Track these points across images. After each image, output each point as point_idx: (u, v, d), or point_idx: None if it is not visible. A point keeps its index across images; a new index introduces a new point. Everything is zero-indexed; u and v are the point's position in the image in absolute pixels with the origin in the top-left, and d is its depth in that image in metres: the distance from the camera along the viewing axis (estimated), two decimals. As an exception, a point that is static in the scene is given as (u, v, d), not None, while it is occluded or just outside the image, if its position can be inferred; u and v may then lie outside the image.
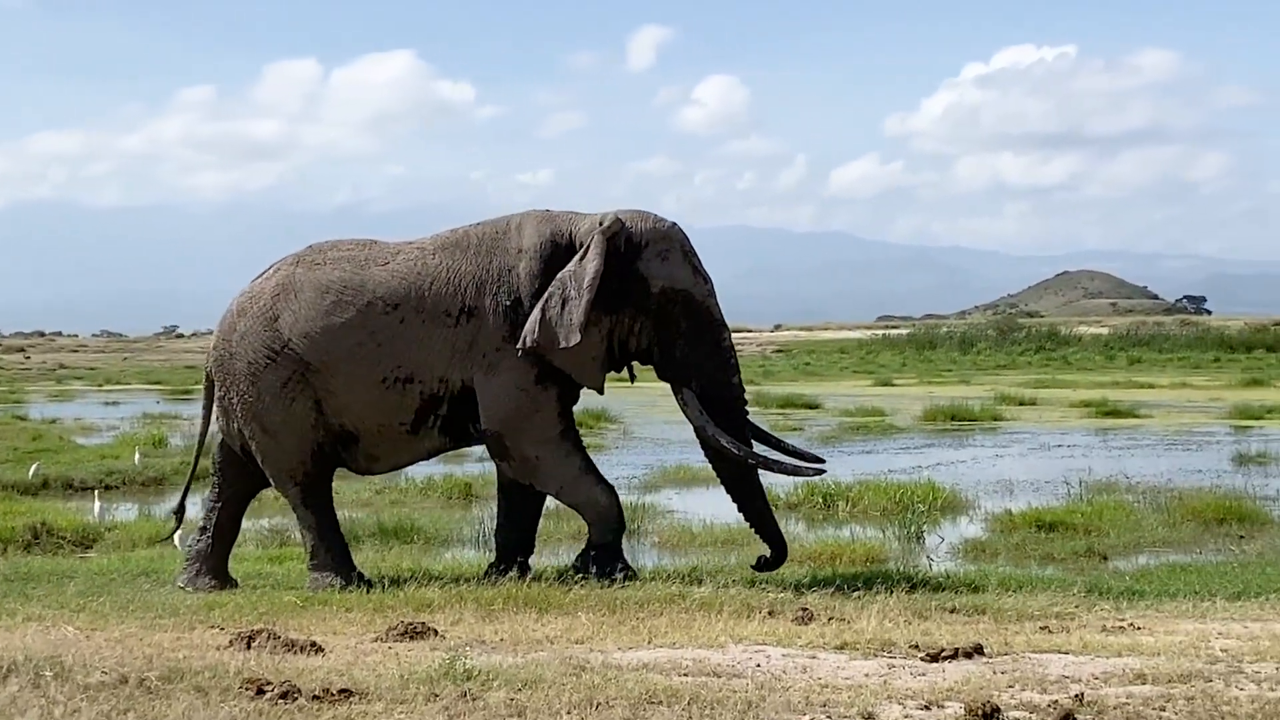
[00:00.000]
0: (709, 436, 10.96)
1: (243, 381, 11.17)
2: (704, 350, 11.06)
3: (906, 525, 15.08)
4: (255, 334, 11.12)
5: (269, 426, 11.14)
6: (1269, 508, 16.55)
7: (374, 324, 10.94)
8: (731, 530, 15.15)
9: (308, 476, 11.28)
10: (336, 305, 10.99)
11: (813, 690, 7.06)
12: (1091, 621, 9.32)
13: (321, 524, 11.34)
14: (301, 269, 11.24)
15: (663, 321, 11.01)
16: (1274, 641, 8.44)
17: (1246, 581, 11.25)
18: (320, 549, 11.27)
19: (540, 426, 10.96)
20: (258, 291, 11.31)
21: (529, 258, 10.98)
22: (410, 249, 11.26)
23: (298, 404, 11.06)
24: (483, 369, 10.89)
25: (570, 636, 8.67)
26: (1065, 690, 7.03)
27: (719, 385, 11.08)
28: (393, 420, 11.07)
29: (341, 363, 10.95)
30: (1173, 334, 77.91)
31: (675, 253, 11.06)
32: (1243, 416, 31.23)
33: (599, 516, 11.07)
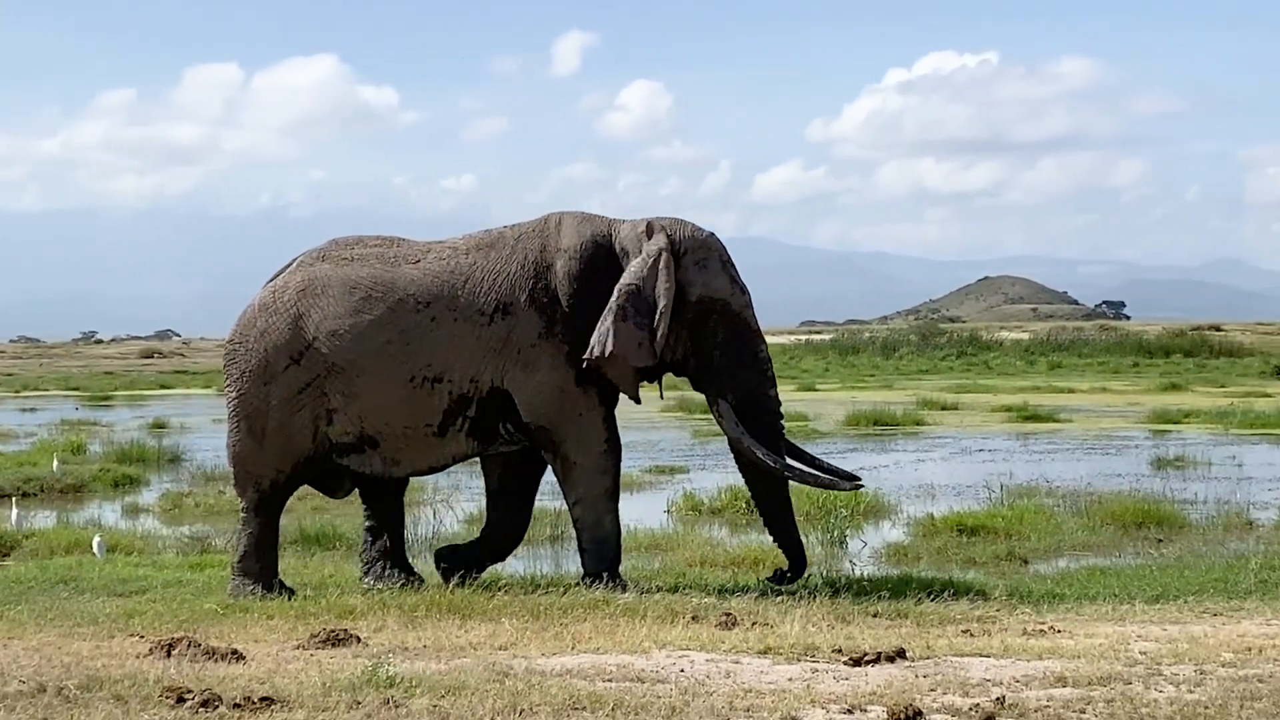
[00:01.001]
0: (745, 448, 10.87)
1: (253, 379, 10.98)
2: (741, 360, 11.00)
3: (829, 530, 15.11)
4: (278, 332, 10.94)
5: (260, 429, 10.98)
6: (1187, 511, 16.70)
7: (404, 322, 10.80)
8: (655, 536, 15.16)
9: (274, 486, 11.14)
10: (365, 302, 10.84)
11: (736, 695, 7.07)
12: (1012, 625, 9.38)
13: (263, 536, 11.18)
14: (328, 265, 11.07)
15: (700, 331, 10.96)
16: (1192, 644, 8.53)
17: (1165, 584, 11.36)
18: (251, 557, 11.11)
19: (587, 434, 10.87)
20: (281, 288, 11.11)
21: (568, 257, 10.89)
22: (441, 248, 11.14)
23: (302, 414, 10.92)
24: (519, 365, 10.77)
25: (494, 643, 8.65)
26: (987, 693, 7.08)
27: (756, 396, 11.01)
28: (419, 421, 10.89)
29: (368, 361, 10.79)
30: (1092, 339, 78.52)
31: (714, 262, 11.01)
32: (1161, 421, 31.53)
33: (599, 546, 10.97)
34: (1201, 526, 16.00)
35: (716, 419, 11.05)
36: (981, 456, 24.50)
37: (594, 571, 10.88)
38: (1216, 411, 32.33)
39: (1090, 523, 15.88)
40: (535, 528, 15.81)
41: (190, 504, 18.72)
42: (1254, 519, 16.38)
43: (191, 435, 30.59)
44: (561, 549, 15.22)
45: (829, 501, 16.03)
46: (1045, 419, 32.11)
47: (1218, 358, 63.89)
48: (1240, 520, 16.22)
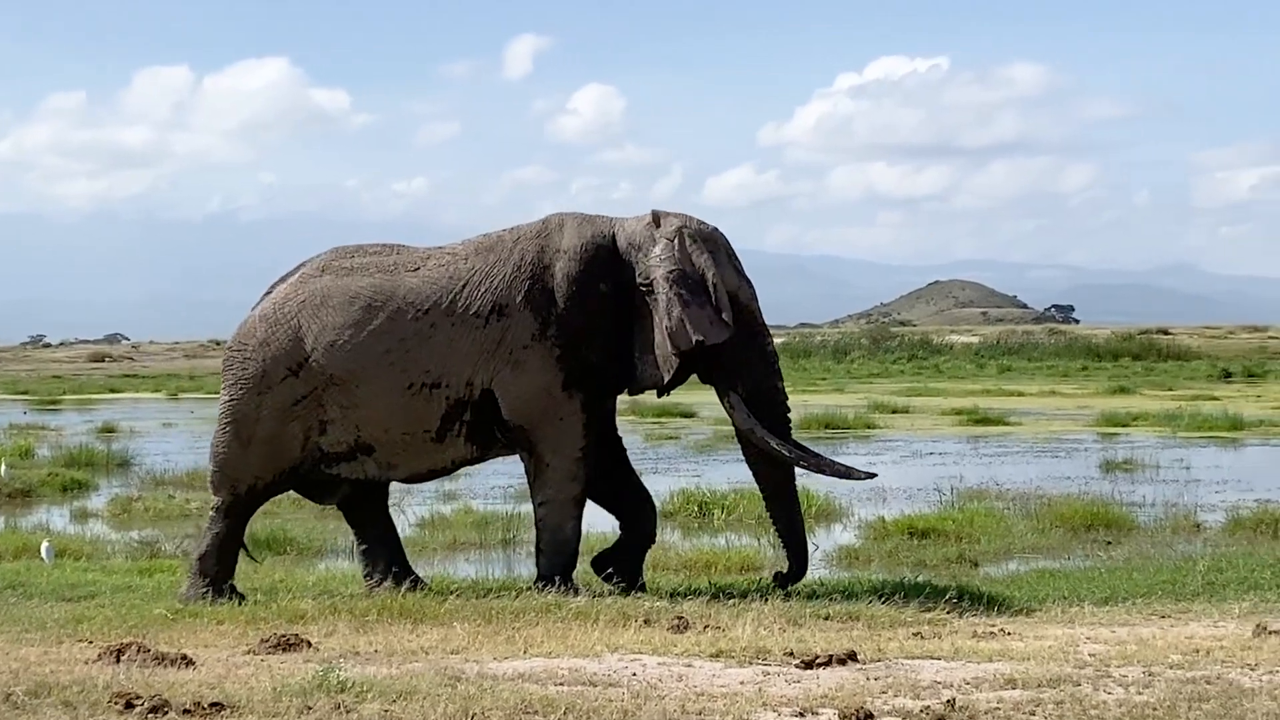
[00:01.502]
0: (758, 439, 10.85)
1: (249, 387, 10.96)
2: (750, 354, 11.01)
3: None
4: (278, 344, 10.92)
5: (248, 437, 10.95)
6: (1135, 514, 16.81)
7: (403, 330, 10.79)
8: (607, 539, 15.12)
9: (250, 492, 11.10)
10: (365, 313, 10.83)
11: (688, 698, 7.08)
12: (963, 627, 9.43)
13: (227, 539, 11.12)
14: (329, 277, 11.05)
15: None
16: (1140, 646, 8.59)
17: (1114, 587, 11.43)
18: (211, 557, 11.04)
19: (566, 438, 10.84)
20: (283, 299, 11.09)
21: (568, 258, 10.86)
22: (441, 254, 11.13)
23: (294, 425, 10.90)
24: (509, 365, 10.76)
25: (445, 647, 8.64)
26: (937, 695, 7.11)
27: (764, 389, 11.01)
28: (417, 428, 10.88)
29: (368, 371, 10.78)
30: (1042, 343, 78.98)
31: (721, 255, 11.02)
32: (1109, 424, 31.72)
33: (556, 550, 10.96)
34: (1149, 529, 16.10)
35: (728, 411, 11.02)
36: (932, 460, 24.60)
37: (547, 574, 10.86)
38: (1164, 414, 32.55)
39: (1040, 525, 15.97)
40: (486, 531, 15.84)
41: (139, 509, 18.62)
42: (1201, 521, 16.49)
43: (141, 440, 30.45)
44: (514, 553, 15.21)
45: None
46: (995, 422, 32.27)
47: (1166, 361, 64.36)
48: (1188, 523, 16.33)
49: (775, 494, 11.19)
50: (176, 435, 32.37)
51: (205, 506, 11.67)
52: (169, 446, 28.26)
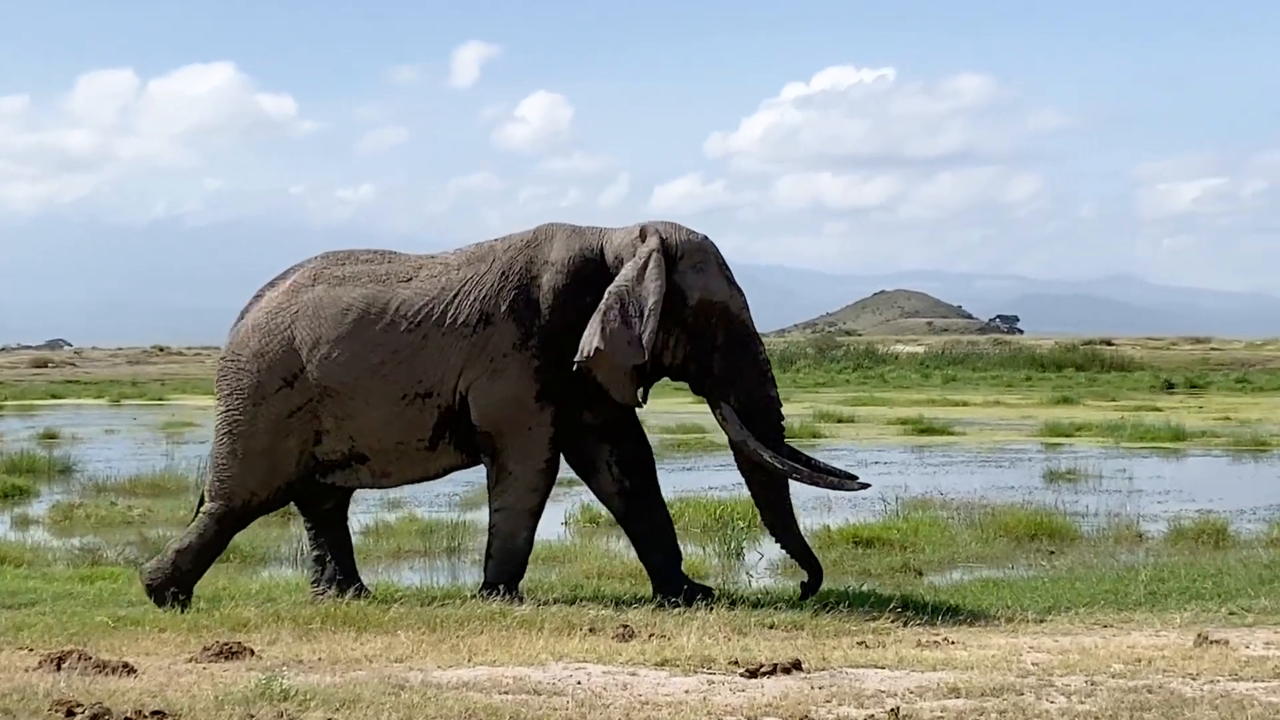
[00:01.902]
0: (751, 451, 10.80)
1: (244, 399, 10.91)
2: (742, 363, 10.96)
3: (726, 542, 15.17)
4: (271, 355, 10.87)
5: (244, 450, 10.88)
6: (1078, 523, 16.91)
7: (396, 342, 10.76)
8: (552, 547, 15.13)
9: (245, 507, 11.04)
10: (359, 325, 10.79)
11: (633, 707, 7.08)
12: (907, 636, 9.45)
13: (210, 545, 11.09)
14: (322, 287, 10.99)
15: (699, 335, 10.90)
16: (1083, 655, 8.63)
17: (1057, 596, 11.49)
18: (189, 555, 10.98)
19: (531, 448, 10.80)
20: (276, 309, 11.03)
21: (555, 271, 10.84)
22: (433, 264, 11.09)
23: (291, 439, 10.85)
24: (486, 374, 10.72)
25: (390, 655, 8.60)
26: (881, 704, 7.13)
27: (757, 399, 10.96)
28: (410, 438, 10.88)
29: (362, 383, 10.75)
30: (986, 353, 79.30)
31: (710, 265, 10.97)
32: (1053, 434, 31.89)
33: (506, 558, 10.92)
34: (1092, 539, 16.20)
35: (720, 423, 10.97)
36: (877, 469, 24.66)
37: (493, 581, 10.84)
38: (1107, 425, 32.76)
39: (984, 535, 16.04)
40: (431, 539, 15.80)
41: (81, 515, 18.47)
42: (1143, 531, 16.61)
43: (83, 446, 30.20)
44: (458, 560, 15.18)
45: (726, 514, 16.09)
46: (940, 432, 32.40)
47: (1109, 372, 64.72)
48: (1130, 532, 16.44)
49: (769, 505, 11.16)
50: (119, 442, 32.14)
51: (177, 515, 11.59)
52: (111, 453, 28.08)
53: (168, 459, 24.89)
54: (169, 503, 19.05)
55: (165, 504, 18.92)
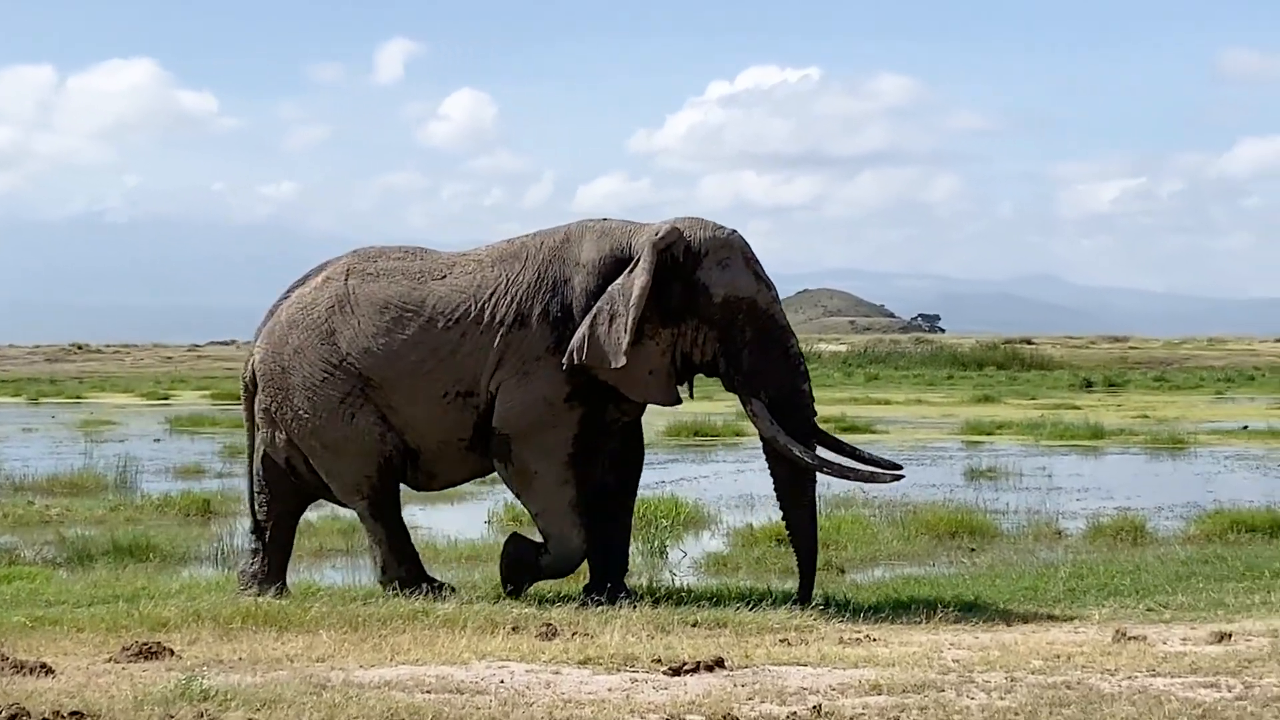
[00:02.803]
0: (782, 447, 10.75)
1: (298, 396, 10.86)
2: (772, 358, 10.89)
3: (649, 540, 15.18)
4: (311, 348, 10.83)
5: (329, 442, 10.86)
6: (998, 521, 17.03)
7: (435, 340, 10.70)
8: (476, 546, 15.11)
9: (374, 490, 10.99)
10: (397, 322, 10.74)
11: (556, 706, 7.07)
12: (829, 634, 9.49)
13: (392, 537, 11.09)
14: (355, 281, 10.93)
15: (728, 331, 10.81)
16: (1003, 651, 8.69)
17: (977, 593, 11.57)
18: (392, 563, 11.04)
19: (554, 443, 10.74)
20: (309, 303, 10.97)
21: (586, 272, 10.77)
22: (466, 261, 11.02)
23: (360, 418, 10.80)
24: (516, 374, 10.67)
25: (311, 655, 8.55)
26: (804, 702, 7.15)
27: (789, 393, 10.91)
28: (453, 436, 10.84)
29: (404, 379, 10.72)
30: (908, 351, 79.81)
31: (736, 260, 10.88)
32: (974, 432, 32.12)
33: (560, 557, 10.91)
34: (1012, 536, 16.33)
35: (751, 418, 10.94)
36: (800, 467, 24.73)
37: (546, 575, 10.99)
38: (1027, 423, 33.03)
39: (905, 533, 16.12)
40: (354, 538, 15.71)
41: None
42: (1063, 529, 16.75)
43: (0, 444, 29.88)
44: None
45: (650, 512, 16.09)
46: (862, 430, 32.52)
47: (1029, 370, 65.26)
48: (1050, 530, 16.58)
49: (793, 503, 11.09)
50: (37, 440, 31.81)
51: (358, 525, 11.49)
52: (29, 452, 27.79)
53: (86, 458, 24.67)
54: (87, 502, 18.87)
55: (83, 503, 18.74)
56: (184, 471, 23.85)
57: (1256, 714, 6.82)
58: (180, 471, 23.86)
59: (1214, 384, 57.92)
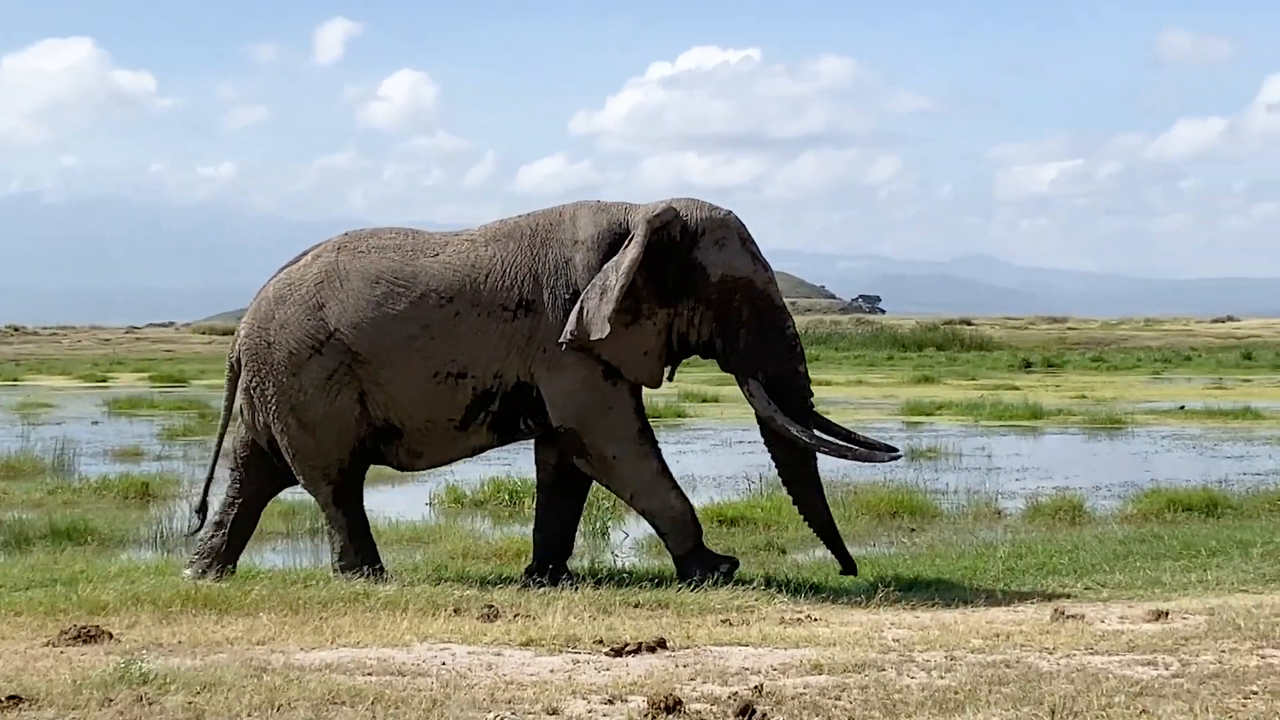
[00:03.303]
0: (779, 427, 10.79)
1: (281, 372, 10.73)
2: (768, 339, 10.93)
3: (591, 522, 15.17)
4: (298, 322, 10.69)
5: (308, 421, 10.75)
6: (938, 501, 17.11)
7: (427, 317, 10.59)
8: (417, 528, 15.08)
9: (342, 474, 10.91)
10: (388, 296, 10.63)
11: (497, 687, 7.07)
12: (771, 614, 9.52)
13: (353, 524, 11.00)
14: (345, 256, 10.82)
15: (724, 311, 10.83)
16: (943, 630, 8.75)
17: (917, 573, 11.63)
18: (350, 550, 10.94)
19: (617, 424, 10.72)
20: (297, 279, 10.85)
21: (586, 249, 10.72)
22: (459, 240, 10.92)
23: (342, 397, 10.69)
24: (545, 365, 10.60)
25: (251, 638, 8.52)
26: (745, 682, 7.17)
27: (785, 374, 10.95)
28: (441, 416, 10.73)
29: (392, 355, 10.60)
30: (849, 332, 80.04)
31: (733, 240, 10.88)
32: (914, 413, 32.27)
33: (673, 525, 10.88)
34: (952, 516, 16.41)
35: (748, 398, 10.96)
36: (741, 448, 24.80)
37: (680, 553, 10.87)
38: (967, 404, 33.20)
39: (846, 513, 16.15)
40: (294, 521, 15.66)
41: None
42: (1002, 508, 16.85)
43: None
44: (321, 542, 15.05)
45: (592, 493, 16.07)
46: (803, 411, 32.61)
47: (968, 351, 65.57)
48: (989, 510, 16.67)
49: (795, 481, 11.18)
50: (-28, 422, 31.52)
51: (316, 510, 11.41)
52: (-35, 434, 27.53)
53: (23, 440, 24.47)
54: (24, 485, 18.72)
55: (21, 486, 18.59)
56: (122, 454, 23.69)
57: (1193, 691, 6.89)
58: (118, 454, 23.70)
59: (1151, 364, 58.37)
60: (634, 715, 6.50)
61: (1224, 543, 13.03)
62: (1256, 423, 29.35)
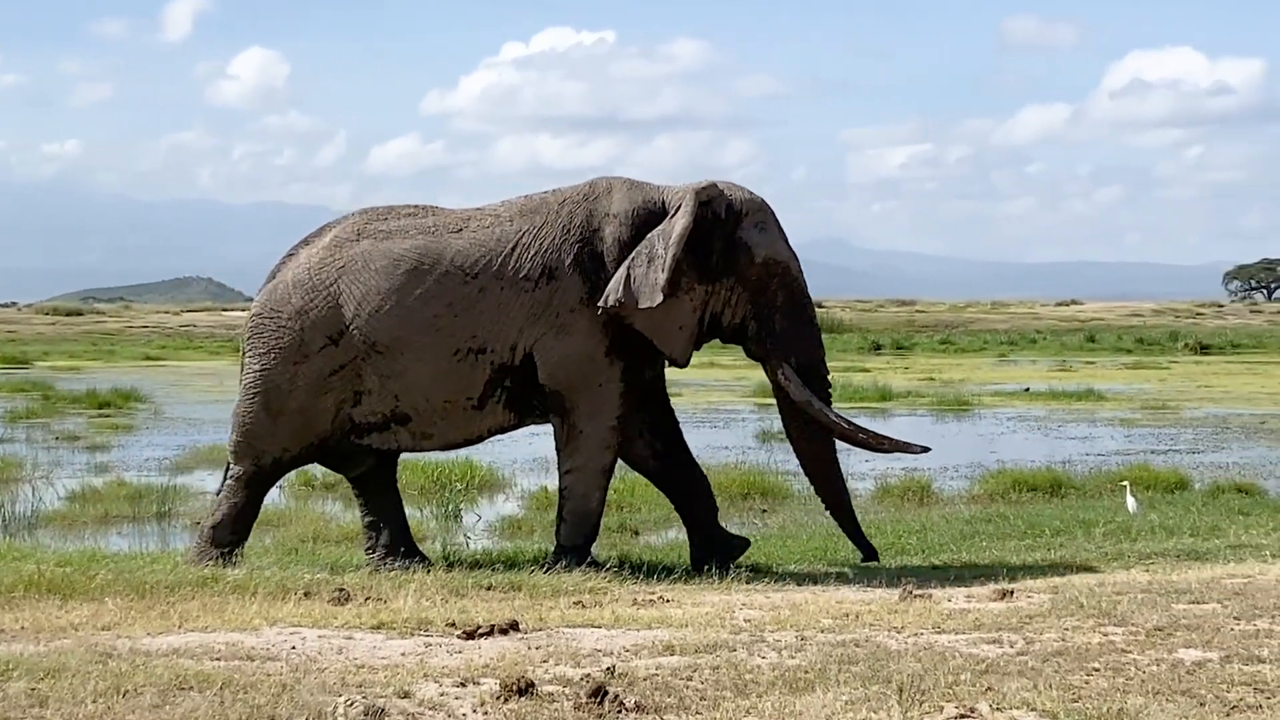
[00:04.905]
0: (817, 412, 10.78)
1: (282, 357, 10.53)
2: (801, 325, 10.88)
3: (444, 504, 15.13)
4: (316, 312, 10.50)
5: (278, 408, 10.54)
6: (790, 482, 17.24)
7: (452, 294, 10.44)
8: (266, 511, 14.86)
9: (276, 464, 10.76)
10: (412, 276, 10.45)
11: (349, 671, 7.02)
12: (623, 595, 9.55)
13: (245, 510, 10.80)
14: (369, 241, 10.61)
15: (760, 294, 10.76)
16: (794, 610, 8.82)
17: (769, 553, 11.72)
18: (226, 528, 10.72)
19: (602, 405, 10.64)
20: (318, 265, 10.62)
21: (619, 223, 10.61)
22: (482, 215, 10.77)
23: (327, 398, 10.53)
24: (554, 330, 10.50)
25: (96, 623, 8.37)
26: (597, 663, 7.18)
27: (815, 362, 10.93)
28: (459, 395, 10.59)
29: (415, 337, 10.42)
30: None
31: (772, 224, 10.86)
32: (766, 395, 32.29)
33: (581, 519, 10.82)
34: (804, 497, 16.52)
35: (784, 383, 10.85)
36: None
37: (566, 545, 10.79)
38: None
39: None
40: (140, 504, 15.45)
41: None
42: (853, 489, 16.93)
43: None
44: (169, 526, 14.86)
45: (443, 475, 16.04)
46: (656, 393, 32.73)
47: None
48: (840, 491, 16.81)
49: (819, 467, 11.22)
50: None
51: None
52: None
53: None
54: None
55: None
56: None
57: (1037, 668, 7.01)
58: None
59: (997, 347, 59.31)
60: (486, 698, 6.49)
61: (1067, 522, 13.29)
62: (1099, 404, 29.94)
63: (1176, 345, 56.84)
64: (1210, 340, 58.80)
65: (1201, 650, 7.39)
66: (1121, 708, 6.27)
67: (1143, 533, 12.63)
